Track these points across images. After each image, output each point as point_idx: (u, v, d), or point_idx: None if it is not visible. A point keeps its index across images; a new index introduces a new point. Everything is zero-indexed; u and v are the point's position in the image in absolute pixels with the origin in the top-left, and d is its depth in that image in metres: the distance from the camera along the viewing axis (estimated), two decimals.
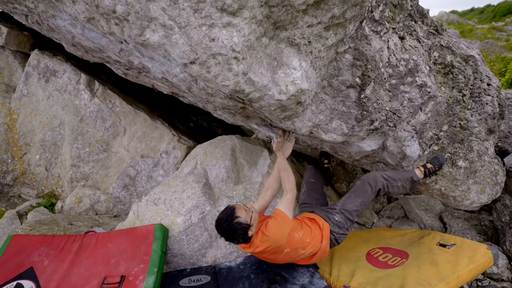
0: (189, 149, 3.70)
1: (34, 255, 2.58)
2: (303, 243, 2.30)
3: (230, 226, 2.13)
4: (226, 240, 2.22)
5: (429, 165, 2.75)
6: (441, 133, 2.79)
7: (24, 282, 2.39)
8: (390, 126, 2.49)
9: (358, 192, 2.55)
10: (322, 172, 3.24)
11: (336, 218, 2.46)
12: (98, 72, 4.13)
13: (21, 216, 3.56)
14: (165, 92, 2.90)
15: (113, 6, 1.52)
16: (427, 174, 2.75)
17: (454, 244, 2.62)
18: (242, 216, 2.14)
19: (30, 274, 2.44)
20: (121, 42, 1.81)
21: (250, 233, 2.17)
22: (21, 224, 3.40)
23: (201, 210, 2.68)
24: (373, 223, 3.72)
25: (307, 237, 2.32)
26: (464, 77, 2.71)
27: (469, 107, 2.78)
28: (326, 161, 3.42)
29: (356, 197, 2.53)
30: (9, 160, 3.96)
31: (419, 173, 2.75)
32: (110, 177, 3.79)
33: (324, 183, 3.18)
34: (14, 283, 2.38)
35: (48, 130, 3.88)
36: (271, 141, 2.62)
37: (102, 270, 2.39)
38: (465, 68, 2.71)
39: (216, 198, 2.85)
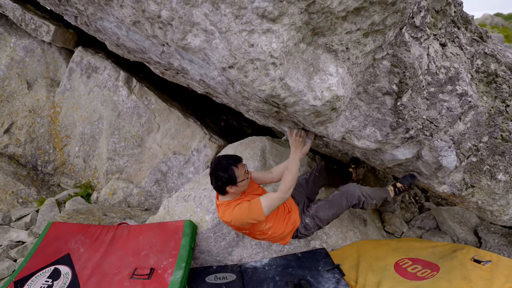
0: (220, 148, 3.76)
1: (71, 242, 2.71)
2: (263, 233, 2.37)
3: (222, 169, 2.13)
4: (211, 179, 2.21)
5: (399, 185, 2.83)
6: (481, 144, 2.67)
7: (61, 267, 2.52)
8: (426, 135, 2.42)
9: (333, 204, 2.58)
10: (331, 174, 3.10)
11: (306, 220, 2.53)
12: (135, 70, 4.28)
13: (60, 204, 3.76)
14: (199, 92, 2.97)
15: (159, 11, 1.59)
16: (397, 193, 2.83)
17: (490, 261, 2.51)
18: (239, 170, 2.15)
19: (67, 260, 2.57)
20: (163, 45, 1.88)
21: (228, 189, 2.15)
22: (60, 212, 3.60)
23: None
24: (403, 232, 3.62)
25: (270, 229, 2.35)
26: (509, 86, 2.58)
27: None
28: (353, 166, 3.36)
29: (330, 208, 2.56)
30: (51, 151, 4.20)
31: (391, 193, 2.83)
32: (143, 172, 3.93)
33: (326, 183, 3.10)
34: (52, 267, 2.52)
35: (88, 124, 4.08)
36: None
37: (133, 261, 2.49)
38: (510, 78, 2.59)
39: None
